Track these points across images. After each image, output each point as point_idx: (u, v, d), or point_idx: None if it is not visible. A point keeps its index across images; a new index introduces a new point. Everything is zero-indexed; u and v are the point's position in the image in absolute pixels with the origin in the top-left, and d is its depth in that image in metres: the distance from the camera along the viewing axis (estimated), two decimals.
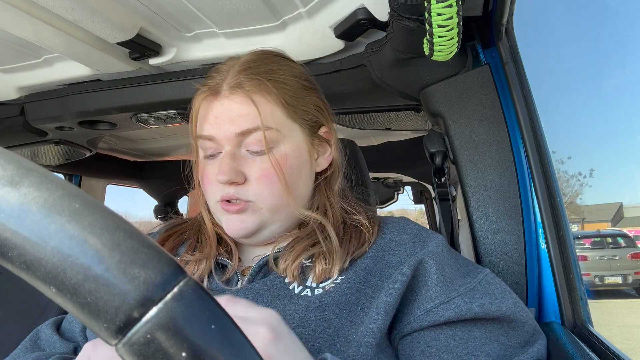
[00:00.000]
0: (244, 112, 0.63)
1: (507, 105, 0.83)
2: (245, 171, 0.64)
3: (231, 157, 0.64)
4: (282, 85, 0.66)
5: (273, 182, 0.64)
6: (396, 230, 0.69)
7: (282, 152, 0.65)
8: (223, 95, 0.65)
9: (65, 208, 0.22)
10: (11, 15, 0.80)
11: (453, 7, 0.59)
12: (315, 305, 0.58)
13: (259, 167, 0.64)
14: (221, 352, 0.22)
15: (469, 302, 0.58)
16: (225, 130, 0.64)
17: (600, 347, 0.61)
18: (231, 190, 0.64)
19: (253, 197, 0.64)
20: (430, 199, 3.15)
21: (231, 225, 0.66)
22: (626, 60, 53.52)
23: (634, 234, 11.83)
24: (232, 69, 0.66)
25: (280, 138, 0.65)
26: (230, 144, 0.65)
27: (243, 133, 0.64)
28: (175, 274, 0.23)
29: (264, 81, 0.64)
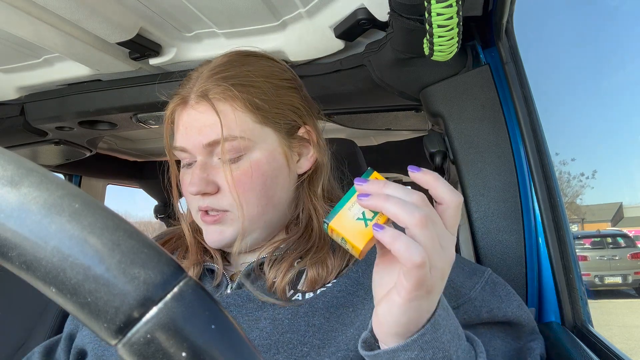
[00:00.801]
0: (209, 122, 0.61)
1: (507, 105, 0.83)
2: (217, 181, 0.63)
3: (202, 168, 0.63)
4: (250, 89, 0.63)
5: (246, 191, 0.62)
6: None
7: (254, 159, 0.63)
8: (190, 105, 0.63)
9: (65, 208, 0.22)
10: (11, 15, 0.80)
11: (453, 7, 0.59)
12: (305, 310, 0.58)
13: (229, 176, 0.62)
14: (221, 352, 0.22)
15: (479, 307, 0.59)
16: (194, 141, 0.63)
17: (600, 347, 0.61)
18: (206, 201, 0.63)
19: (228, 207, 0.63)
20: (430, 198, 3.15)
21: (210, 236, 0.65)
22: (626, 60, 53.55)
23: (634, 234, 11.83)
24: (200, 75, 0.65)
25: (251, 145, 0.62)
26: (202, 154, 0.63)
27: (210, 144, 0.62)
28: (175, 274, 0.23)
29: (230, 87, 0.62)
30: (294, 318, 0.57)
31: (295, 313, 0.58)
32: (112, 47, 0.95)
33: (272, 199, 0.64)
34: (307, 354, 0.54)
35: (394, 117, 1.38)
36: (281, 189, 0.66)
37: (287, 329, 0.56)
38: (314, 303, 0.59)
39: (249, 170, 0.62)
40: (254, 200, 0.63)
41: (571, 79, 59.49)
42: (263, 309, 0.60)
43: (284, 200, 0.67)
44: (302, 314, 0.57)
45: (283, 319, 0.57)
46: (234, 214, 0.63)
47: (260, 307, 0.60)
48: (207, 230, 0.65)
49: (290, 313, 0.58)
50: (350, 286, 0.61)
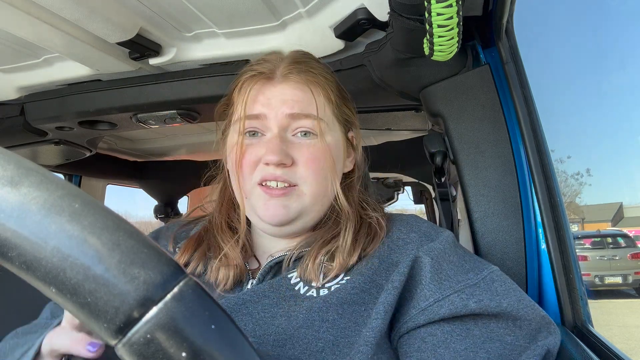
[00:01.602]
0: (298, 96, 0.66)
1: (507, 105, 0.83)
2: (293, 154, 0.65)
3: (281, 139, 0.65)
4: (329, 83, 0.69)
5: (320, 168, 0.65)
6: (404, 227, 0.68)
7: (327, 142, 0.67)
8: (277, 80, 0.67)
9: (65, 208, 0.22)
10: (11, 15, 0.80)
11: (453, 7, 0.59)
12: (319, 306, 0.59)
13: (307, 151, 0.65)
14: (221, 352, 0.22)
15: (466, 298, 0.58)
16: (277, 110, 0.65)
17: (600, 347, 0.61)
18: (277, 171, 0.64)
19: (299, 181, 0.65)
20: (430, 199, 3.15)
21: (271, 209, 0.64)
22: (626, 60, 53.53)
23: (634, 234, 11.83)
24: (281, 61, 0.69)
25: (326, 130, 0.67)
26: (278, 126, 0.65)
27: (294, 116, 0.65)
28: (175, 274, 0.23)
29: (318, 75, 0.68)
30: (309, 313, 0.58)
31: (309, 308, 0.59)
32: (112, 47, 0.95)
33: (331, 185, 0.68)
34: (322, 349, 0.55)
35: (394, 117, 1.37)
36: (336, 179, 0.69)
37: (302, 323, 0.57)
38: (328, 299, 0.60)
39: (322, 150, 0.66)
40: (320, 179, 0.66)
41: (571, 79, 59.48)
42: (279, 305, 0.61)
43: (332, 192, 0.69)
44: (317, 309, 0.58)
45: (298, 314, 0.58)
46: (301, 189, 0.66)
47: (276, 304, 0.61)
48: (268, 204, 0.65)
49: (305, 309, 0.59)
50: (364, 283, 0.61)
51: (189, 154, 2.07)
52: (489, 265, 0.64)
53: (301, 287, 0.63)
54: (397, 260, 0.64)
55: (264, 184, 0.65)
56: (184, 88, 1.08)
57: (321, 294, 0.61)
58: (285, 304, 0.61)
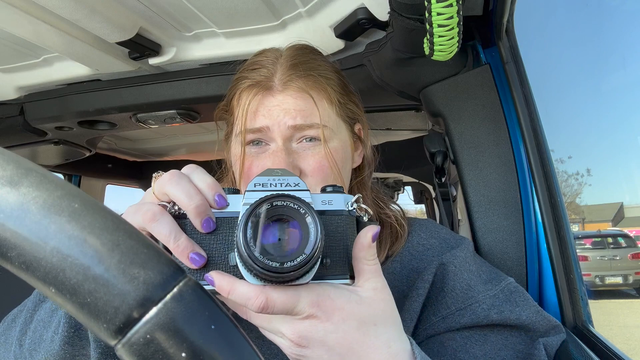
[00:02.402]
0: (300, 106, 0.63)
1: (507, 105, 0.83)
2: (299, 164, 0.64)
3: (287, 152, 0.63)
4: (330, 82, 0.67)
5: (327, 174, 0.64)
6: (424, 233, 0.68)
7: (332, 148, 0.65)
8: (276, 89, 0.64)
9: (64, 208, 0.22)
10: (11, 15, 0.80)
11: (453, 6, 0.59)
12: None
13: (313, 160, 0.64)
14: (221, 352, 0.22)
15: (487, 309, 0.59)
16: (279, 121, 0.63)
17: (601, 347, 0.61)
18: None
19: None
20: (430, 199, 3.15)
21: None
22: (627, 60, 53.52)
23: (634, 234, 11.82)
24: (278, 63, 0.65)
25: (331, 135, 0.66)
26: (282, 137, 0.64)
27: (297, 127, 0.63)
28: (174, 274, 0.23)
29: (318, 77, 0.65)
30: None
31: None
32: (112, 46, 0.95)
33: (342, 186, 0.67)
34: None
35: (394, 117, 1.37)
36: (347, 177, 0.68)
37: None
38: None
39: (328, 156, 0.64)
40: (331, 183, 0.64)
41: (571, 78, 59.45)
42: None
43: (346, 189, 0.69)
44: None
45: None
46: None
47: None
48: None
49: None
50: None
51: (188, 153, 2.07)
52: (505, 277, 0.65)
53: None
54: (417, 266, 0.64)
55: None
56: (184, 88, 1.08)
57: None
58: None
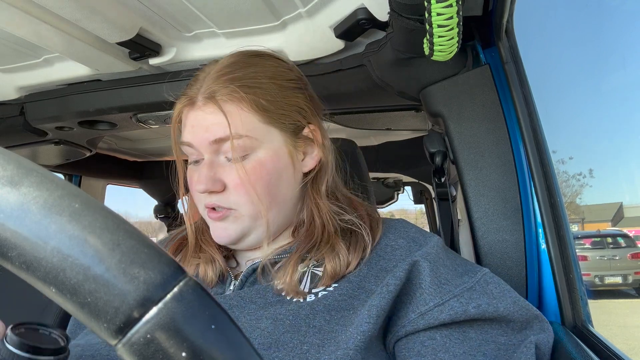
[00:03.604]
0: (216, 121, 0.63)
1: (507, 105, 0.83)
2: (223, 179, 0.64)
3: (209, 166, 0.64)
4: (256, 91, 0.64)
5: (250, 190, 0.63)
6: (392, 234, 0.68)
7: (258, 158, 0.64)
8: (197, 106, 0.65)
9: (65, 208, 0.22)
10: (11, 15, 0.80)
11: (453, 7, 0.59)
12: (306, 312, 0.58)
13: (235, 175, 0.64)
14: (221, 352, 0.22)
15: (465, 303, 0.58)
16: (200, 138, 0.64)
17: (601, 347, 0.61)
18: (213, 199, 0.65)
19: (233, 205, 0.65)
20: (430, 199, 3.15)
21: (216, 232, 0.67)
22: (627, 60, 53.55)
23: (634, 234, 11.83)
24: (208, 76, 0.66)
25: (256, 145, 0.64)
26: (208, 152, 0.65)
27: (216, 141, 0.63)
28: (175, 274, 0.23)
29: (236, 89, 0.63)
30: (295, 319, 0.58)
31: (296, 314, 0.58)
32: (112, 47, 0.95)
33: (277, 197, 0.66)
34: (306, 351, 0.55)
35: (394, 117, 1.38)
36: (286, 187, 0.67)
37: (288, 328, 0.57)
38: (315, 305, 0.59)
39: (254, 168, 0.64)
40: (258, 198, 0.64)
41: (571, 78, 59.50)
42: (264, 308, 0.60)
43: (289, 198, 0.68)
44: (303, 316, 0.58)
45: (284, 319, 0.58)
46: (239, 211, 0.65)
47: (262, 307, 0.61)
48: (213, 226, 0.68)
49: (291, 314, 0.58)
50: (352, 290, 0.61)
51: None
52: (480, 268, 0.64)
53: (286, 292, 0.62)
54: (386, 266, 0.63)
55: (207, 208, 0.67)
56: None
57: (308, 299, 0.61)
58: (271, 308, 0.60)
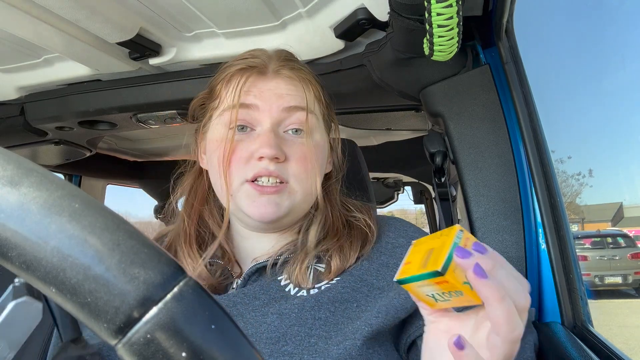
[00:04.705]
0: (292, 90, 0.65)
1: (507, 105, 0.83)
2: (285, 150, 0.63)
3: (275, 134, 0.63)
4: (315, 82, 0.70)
5: (310, 166, 0.64)
6: (392, 233, 0.70)
7: (317, 140, 0.67)
8: (270, 75, 0.66)
9: (65, 208, 0.22)
10: (11, 15, 0.80)
11: (453, 7, 0.59)
12: (311, 305, 0.59)
13: (299, 149, 0.64)
14: (221, 352, 0.22)
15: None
16: (271, 103, 0.63)
17: (600, 347, 0.61)
18: (271, 166, 0.62)
19: (291, 178, 0.64)
20: (430, 199, 3.15)
21: (262, 207, 0.62)
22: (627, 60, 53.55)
23: (634, 234, 11.82)
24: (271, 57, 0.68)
25: (317, 127, 0.67)
26: (272, 120, 0.63)
27: (288, 109, 0.64)
28: (175, 274, 0.23)
29: (310, 74, 0.68)
30: (301, 312, 0.58)
31: (301, 307, 0.59)
32: (112, 47, 0.95)
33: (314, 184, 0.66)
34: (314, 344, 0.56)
35: (394, 117, 1.38)
36: (320, 179, 0.68)
37: (294, 322, 0.57)
38: (319, 298, 0.60)
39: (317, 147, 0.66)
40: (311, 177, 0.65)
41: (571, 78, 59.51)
42: (269, 305, 0.61)
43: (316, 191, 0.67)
44: (308, 308, 0.59)
45: (290, 313, 0.59)
46: (293, 186, 0.64)
47: (267, 304, 0.61)
48: (258, 201, 0.62)
49: (296, 307, 0.59)
50: (354, 282, 0.62)
51: (189, 154, 2.07)
52: None
53: (291, 288, 0.63)
54: (387, 261, 0.65)
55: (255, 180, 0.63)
56: (184, 88, 1.08)
57: (311, 293, 0.62)
58: (276, 304, 0.61)
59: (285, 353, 0.55)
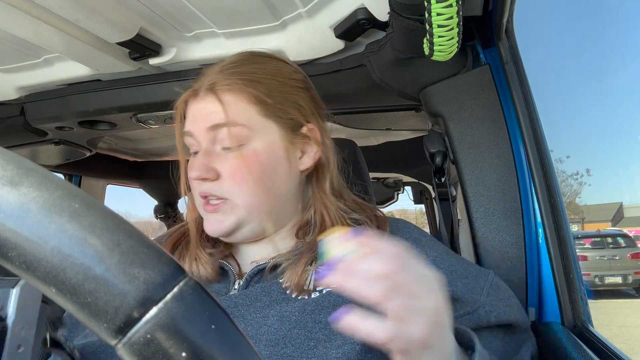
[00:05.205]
0: (216, 107, 0.65)
1: (507, 105, 0.83)
2: (217, 168, 0.65)
3: (204, 154, 0.66)
4: (256, 84, 0.66)
5: (244, 179, 0.64)
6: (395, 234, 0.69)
7: (253, 149, 0.65)
8: (200, 96, 0.67)
9: (65, 208, 0.22)
10: (11, 15, 0.80)
11: (453, 7, 0.59)
12: (312, 308, 0.59)
13: (229, 164, 0.65)
14: (221, 352, 0.22)
15: (489, 311, 0.61)
16: (199, 126, 0.66)
17: (600, 347, 0.61)
18: (206, 186, 0.66)
19: (227, 195, 0.65)
20: (430, 199, 3.15)
21: (210, 224, 0.67)
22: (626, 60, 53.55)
23: (634, 233, 11.82)
24: (212, 71, 0.69)
25: (252, 135, 0.65)
26: (205, 140, 0.66)
27: (213, 127, 0.65)
28: (175, 274, 0.23)
29: (237, 81, 0.66)
30: (301, 315, 0.58)
31: (302, 310, 0.59)
32: (112, 47, 0.95)
33: (271, 190, 0.66)
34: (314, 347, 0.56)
35: (394, 117, 1.38)
36: (280, 181, 0.67)
37: (295, 324, 0.58)
38: (320, 301, 0.60)
39: (249, 158, 0.65)
40: (251, 189, 0.64)
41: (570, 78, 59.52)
42: (270, 307, 0.61)
43: (284, 193, 0.68)
44: (309, 312, 0.59)
45: (290, 315, 0.59)
46: (233, 202, 0.65)
47: (268, 306, 0.61)
48: (207, 219, 0.68)
49: (297, 310, 0.59)
50: None
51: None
52: (486, 270, 0.67)
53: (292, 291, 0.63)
54: None
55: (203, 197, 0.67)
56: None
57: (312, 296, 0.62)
58: (277, 306, 0.61)
59: (285, 356, 0.55)
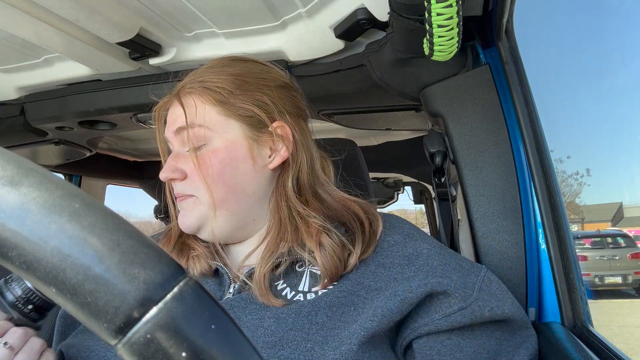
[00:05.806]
0: (177, 113, 0.69)
1: (507, 105, 0.83)
2: (183, 167, 0.68)
3: (173, 156, 0.70)
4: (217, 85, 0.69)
5: (206, 176, 0.66)
6: (388, 230, 0.69)
7: (212, 147, 0.67)
8: (170, 102, 0.72)
9: (65, 208, 0.22)
10: (11, 15, 0.80)
11: (453, 7, 0.59)
12: (308, 310, 0.59)
13: (191, 163, 0.67)
14: (221, 352, 0.22)
15: (482, 306, 0.60)
16: (168, 130, 0.71)
17: (600, 347, 0.61)
18: (177, 186, 0.69)
19: (193, 192, 0.68)
20: (430, 199, 3.15)
21: (179, 219, 0.70)
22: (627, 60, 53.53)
23: (634, 233, 11.82)
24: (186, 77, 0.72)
25: (212, 135, 0.67)
26: (175, 144, 0.71)
27: (177, 131, 0.69)
28: (175, 274, 0.23)
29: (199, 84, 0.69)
30: (297, 317, 0.59)
31: (298, 312, 0.59)
32: (112, 47, 0.95)
33: (234, 188, 0.67)
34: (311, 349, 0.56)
35: (394, 117, 1.37)
36: (244, 179, 0.68)
37: (291, 326, 0.58)
38: (316, 303, 0.60)
39: (207, 156, 0.67)
40: (211, 186, 0.66)
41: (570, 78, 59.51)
42: (266, 309, 0.61)
43: (250, 192, 0.69)
44: (305, 313, 0.59)
45: (287, 317, 0.59)
46: (198, 199, 0.68)
47: (264, 307, 0.61)
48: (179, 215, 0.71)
49: (293, 312, 0.59)
50: (351, 286, 0.62)
51: None
52: (478, 265, 0.67)
53: (287, 292, 0.63)
54: (383, 262, 0.65)
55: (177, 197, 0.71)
56: None
57: (308, 297, 0.62)
58: (273, 307, 0.61)
59: (283, 357, 0.55)
